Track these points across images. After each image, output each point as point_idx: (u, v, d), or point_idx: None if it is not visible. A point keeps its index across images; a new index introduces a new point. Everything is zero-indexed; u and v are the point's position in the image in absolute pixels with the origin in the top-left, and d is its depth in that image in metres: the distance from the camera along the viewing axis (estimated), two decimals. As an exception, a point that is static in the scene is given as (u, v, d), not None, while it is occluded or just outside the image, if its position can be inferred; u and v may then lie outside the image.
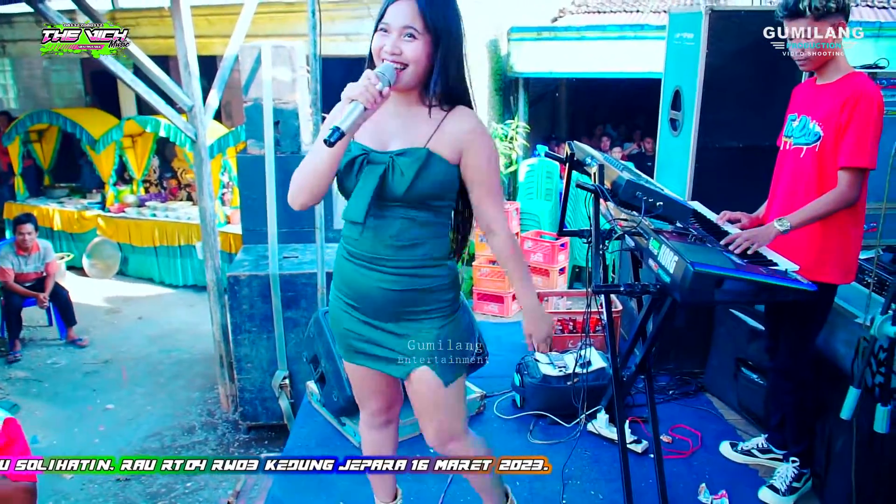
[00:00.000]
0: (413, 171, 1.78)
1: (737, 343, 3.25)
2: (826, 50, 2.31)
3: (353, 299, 1.94)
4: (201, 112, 4.78)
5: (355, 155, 1.82)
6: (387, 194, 1.80)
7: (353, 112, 1.64)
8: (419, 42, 1.73)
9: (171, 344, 6.92)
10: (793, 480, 2.64)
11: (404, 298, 1.88)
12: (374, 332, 1.94)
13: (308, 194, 1.79)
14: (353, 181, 1.82)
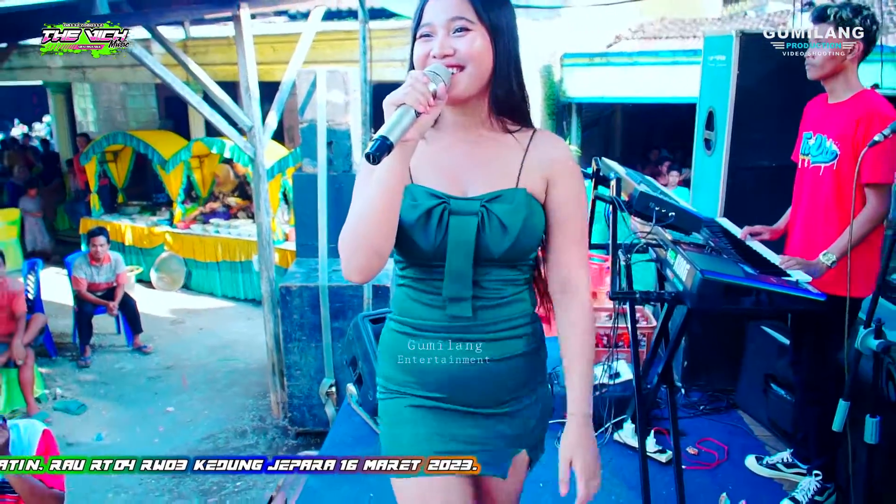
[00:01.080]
0: (518, 222, 1.40)
1: (766, 359, 3.29)
2: (835, 57, 2.38)
3: (432, 388, 1.47)
4: (260, 132, 5.09)
5: (430, 206, 1.39)
6: (483, 254, 1.40)
7: (401, 119, 1.22)
8: (475, 34, 1.37)
9: (229, 353, 7.25)
10: (815, 494, 2.67)
11: (504, 370, 1.46)
12: (470, 426, 1.48)
13: (363, 254, 1.33)
14: (431, 240, 1.39)
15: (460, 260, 1.39)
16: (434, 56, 1.35)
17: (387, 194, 1.29)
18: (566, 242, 1.48)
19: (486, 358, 1.44)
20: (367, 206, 1.31)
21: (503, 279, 1.44)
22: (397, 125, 1.21)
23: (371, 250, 1.32)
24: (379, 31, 6.78)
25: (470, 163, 1.44)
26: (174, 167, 9.00)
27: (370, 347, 3.18)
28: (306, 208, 5.40)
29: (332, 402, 5.12)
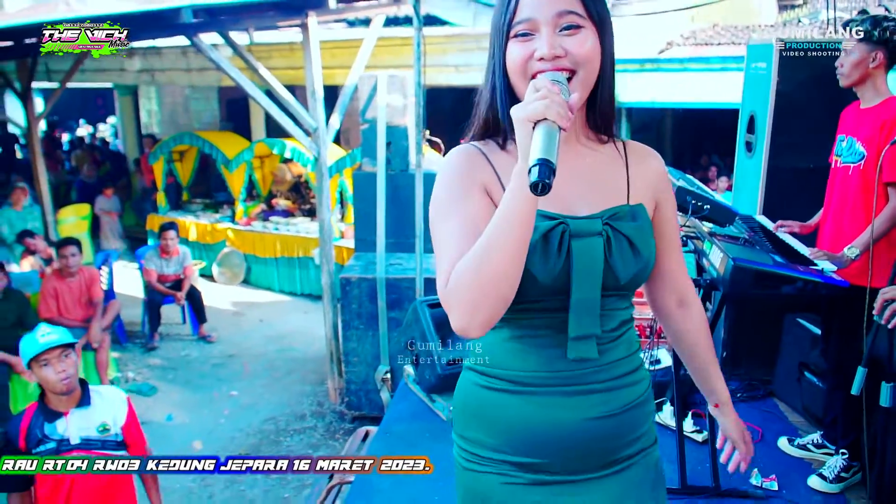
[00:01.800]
0: (649, 239, 1.25)
1: (801, 349, 3.46)
2: (859, 66, 2.59)
3: (530, 454, 1.23)
4: (324, 133, 5.44)
5: (547, 227, 1.17)
6: (606, 282, 1.20)
7: (550, 138, 1.02)
8: (587, 32, 1.17)
9: (287, 344, 7.65)
10: (841, 471, 2.85)
11: (618, 425, 1.24)
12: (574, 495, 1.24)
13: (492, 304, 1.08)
14: (550, 268, 1.16)
15: (587, 289, 1.17)
16: (543, 58, 1.14)
17: (521, 228, 1.05)
18: (677, 257, 1.38)
19: (604, 413, 1.22)
20: (499, 245, 1.05)
21: (619, 310, 1.25)
22: (551, 145, 1.01)
23: (501, 299, 1.08)
24: (433, 37, 7.12)
25: (574, 179, 1.22)
26: (237, 167, 9.47)
27: (427, 329, 3.47)
28: (365, 205, 5.74)
29: (388, 388, 5.43)
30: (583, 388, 1.21)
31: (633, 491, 1.27)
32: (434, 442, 3.29)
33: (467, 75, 8.42)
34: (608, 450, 1.24)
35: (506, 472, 1.24)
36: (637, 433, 1.28)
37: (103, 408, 2.73)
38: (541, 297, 1.18)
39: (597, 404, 1.22)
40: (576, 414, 1.21)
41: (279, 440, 5.62)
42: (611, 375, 1.24)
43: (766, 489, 2.87)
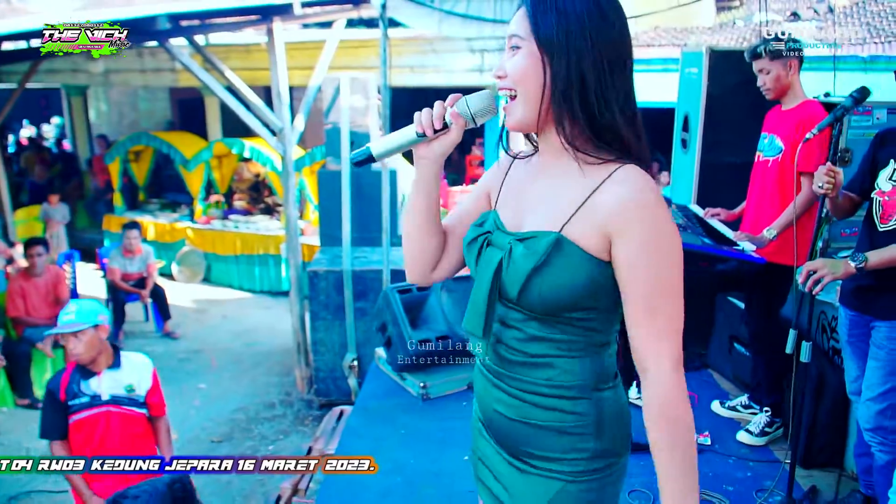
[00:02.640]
0: (528, 267, 1.21)
1: (731, 324, 3.90)
2: (779, 82, 3.00)
3: (481, 415, 1.44)
4: (290, 133, 5.69)
5: (478, 233, 1.34)
6: (502, 293, 1.27)
7: (400, 135, 1.29)
8: (524, 53, 1.22)
9: (252, 338, 7.85)
10: (765, 426, 3.27)
11: (517, 431, 1.33)
12: (497, 461, 1.39)
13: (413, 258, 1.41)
14: (472, 265, 1.35)
15: (481, 291, 1.28)
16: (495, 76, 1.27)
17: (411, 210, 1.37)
18: (633, 311, 1.21)
19: (499, 410, 1.35)
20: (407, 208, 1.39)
21: (533, 334, 1.27)
22: (391, 139, 1.30)
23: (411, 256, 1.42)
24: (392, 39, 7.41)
25: (533, 196, 1.30)
26: (196, 166, 9.60)
27: (398, 313, 3.78)
28: (329, 202, 6.01)
29: (354, 374, 5.72)
30: (496, 383, 1.35)
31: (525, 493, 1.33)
32: (405, 415, 3.62)
33: (423, 76, 8.75)
34: (510, 444, 1.35)
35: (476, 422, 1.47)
36: (540, 452, 1.31)
37: (131, 371, 3.15)
38: None
39: (502, 402, 1.35)
40: (491, 399, 1.37)
41: (250, 428, 5.84)
42: (517, 387, 1.31)
43: (700, 444, 3.28)
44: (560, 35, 1.19)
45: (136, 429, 3.16)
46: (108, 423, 3.09)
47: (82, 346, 3.01)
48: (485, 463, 1.42)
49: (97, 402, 3.06)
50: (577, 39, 1.18)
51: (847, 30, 11.22)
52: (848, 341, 2.58)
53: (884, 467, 2.42)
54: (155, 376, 3.25)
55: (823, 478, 2.99)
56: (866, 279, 2.36)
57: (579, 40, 1.18)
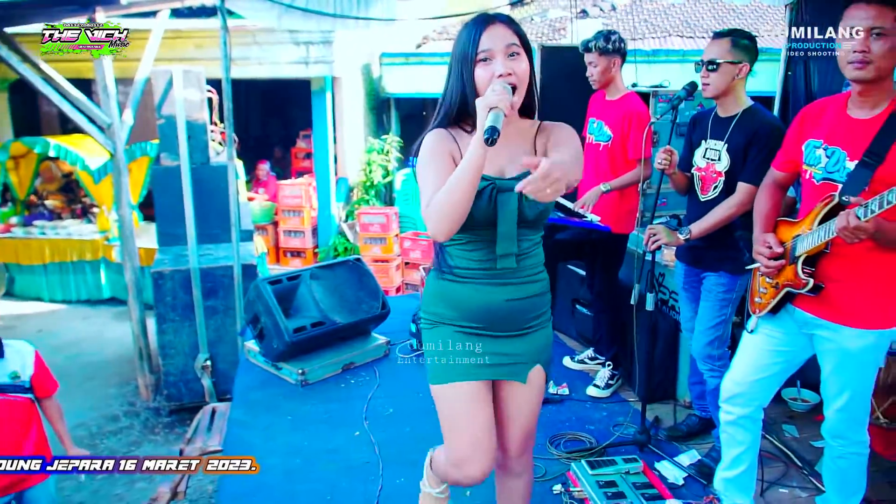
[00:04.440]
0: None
1: (572, 289, 4.40)
2: (605, 75, 3.49)
3: (473, 319, 1.92)
4: (118, 128, 5.42)
5: (481, 186, 1.77)
6: (522, 218, 1.84)
7: (498, 117, 1.64)
8: (523, 59, 1.80)
9: (76, 351, 7.31)
10: (609, 379, 3.76)
11: (526, 305, 1.92)
12: (499, 344, 1.94)
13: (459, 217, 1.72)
14: (482, 211, 1.80)
15: (508, 224, 1.83)
16: (500, 75, 1.75)
17: (475, 173, 1.67)
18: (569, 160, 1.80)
19: (517, 297, 1.90)
20: (460, 185, 1.68)
21: (531, 239, 1.91)
22: (497, 120, 1.63)
23: (457, 216, 1.72)
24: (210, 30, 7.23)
25: (504, 151, 1.84)
26: (-12, 169, 8.68)
27: (272, 304, 3.83)
28: (167, 199, 5.81)
29: (208, 375, 5.62)
30: (505, 281, 1.91)
31: (534, 344, 2.00)
32: (288, 401, 3.71)
33: (246, 68, 8.59)
34: (520, 320, 1.95)
35: (458, 326, 1.95)
36: (538, 312, 1.99)
37: (14, 358, 3.23)
38: (478, 227, 1.86)
39: (513, 292, 1.92)
40: (500, 296, 1.92)
41: (95, 444, 5.53)
42: (523, 275, 1.92)
43: (560, 395, 3.72)
44: (530, 47, 1.84)
45: (21, 414, 3.23)
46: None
47: None
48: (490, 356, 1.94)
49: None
50: (531, 51, 1.85)
51: (628, 25, 12.59)
52: (684, 288, 3.09)
53: (714, 390, 2.94)
54: (38, 359, 3.33)
55: (662, 408, 3.53)
56: (695, 241, 2.85)
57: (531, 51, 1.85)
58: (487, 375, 1.96)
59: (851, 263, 2.13)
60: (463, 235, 1.87)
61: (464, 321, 1.94)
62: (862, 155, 2.05)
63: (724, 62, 2.69)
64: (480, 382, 1.95)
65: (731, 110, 2.77)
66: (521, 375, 1.99)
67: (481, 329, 1.94)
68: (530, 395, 2.04)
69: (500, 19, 1.83)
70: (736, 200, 2.70)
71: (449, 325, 1.96)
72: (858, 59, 2.01)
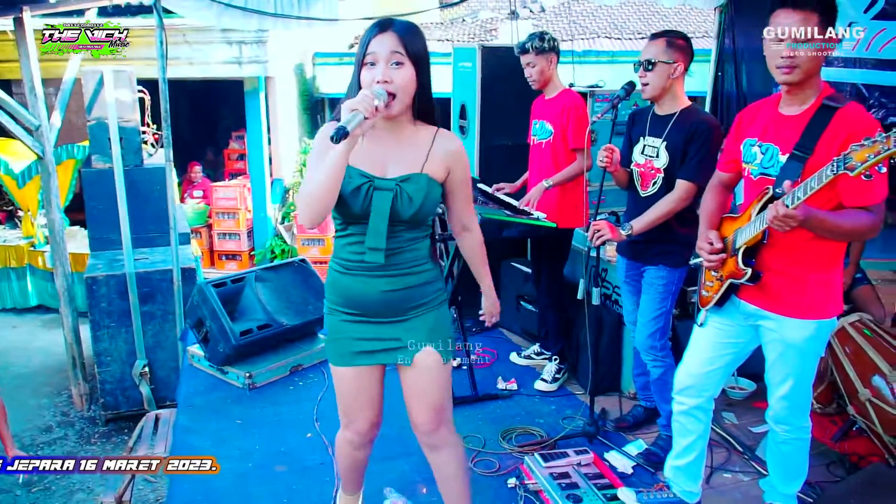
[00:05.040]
0: (420, 197, 1.97)
1: (517, 285, 4.48)
2: (542, 74, 3.59)
3: (354, 307, 2.09)
4: (47, 130, 5.22)
5: (360, 182, 1.94)
6: (395, 217, 1.98)
7: (353, 118, 1.76)
8: (406, 69, 1.89)
9: (4, 361, 6.99)
10: (556, 373, 3.85)
11: (403, 296, 2.07)
12: (381, 329, 2.10)
13: (321, 208, 1.88)
14: (358, 206, 1.96)
15: (378, 221, 1.97)
16: (378, 81, 1.88)
17: (335, 170, 1.84)
18: (463, 202, 2.17)
19: (392, 288, 2.06)
20: (323, 176, 1.85)
21: (408, 236, 2.05)
22: (351, 122, 1.76)
23: (321, 205, 1.89)
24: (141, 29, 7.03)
25: (389, 153, 2.01)
26: None
27: (217, 307, 3.77)
28: (98, 203, 5.63)
29: (147, 382, 5.46)
30: (379, 273, 2.06)
31: (418, 328, 2.13)
32: (236, 406, 3.66)
33: (176, 68, 8.35)
34: (398, 308, 2.11)
35: (343, 315, 2.14)
36: (421, 301, 2.13)
37: None
38: (356, 221, 2.02)
39: (388, 283, 2.07)
40: (375, 287, 2.08)
41: (27, 457, 5.31)
42: (399, 269, 2.07)
43: (509, 390, 3.79)
44: (423, 54, 1.94)
45: None
46: None
47: None
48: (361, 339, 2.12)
49: None
50: (428, 56, 1.96)
51: (558, 27, 12.84)
52: (625, 282, 3.20)
53: (658, 380, 3.07)
54: None
55: (607, 401, 3.63)
56: (636, 236, 2.95)
57: (428, 61, 1.97)
58: (367, 361, 2.15)
59: (788, 253, 2.24)
60: (346, 229, 2.06)
61: (348, 308, 2.12)
62: (792, 148, 2.17)
63: (659, 62, 2.80)
64: (359, 367, 2.16)
65: (668, 109, 2.88)
66: (406, 359, 2.14)
67: (362, 316, 2.11)
68: (424, 376, 2.15)
69: (394, 28, 1.92)
70: (675, 197, 2.81)
71: (339, 312, 2.14)
72: (786, 64, 2.13)
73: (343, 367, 2.18)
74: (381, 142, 2.01)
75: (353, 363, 2.15)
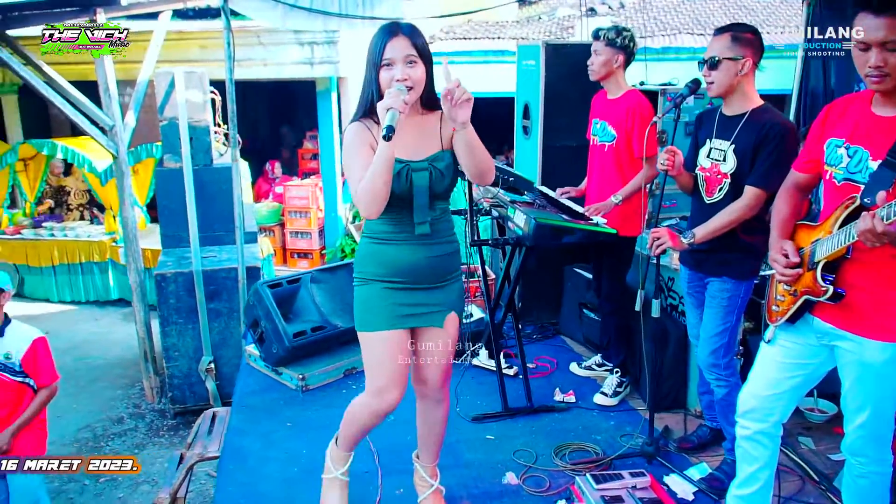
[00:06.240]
0: (450, 171, 2.30)
1: (579, 292, 4.30)
2: (605, 67, 3.41)
3: (400, 275, 2.34)
4: (121, 130, 5.38)
5: (399, 168, 2.21)
6: (433, 192, 2.29)
7: (393, 116, 2.03)
8: (419, 66, 2.18)
9: (84, 353, 7.29)
10: (617, 386, 3.66)
11: (444, 262, 2.38)
12: (421, 296, 2.37)
13: (381, 199, 2.14)
14: (399, 187, 2.23)
15: (422, 197, 2.27)
16: (397, 80, 2.15)
17: (388, 162, 2.11)
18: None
19: (435, 254, 2.36)
20: (379, 170, 2.10)
21: (441, 206, 2.37)
22: (393, 119, 2.04)
23: (381, 198, 2.15)
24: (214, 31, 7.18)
25: (413, 139, 2.31)
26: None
27: (271, 308, 3.76)
28: (170, 201, 5.77)
29: (212, 378, 5.56)
30: (422, 242, 2.32)
31: (450, 294, 2.44)
32: (287, 408, 3.65)
33: (249, 69, 8.54)
34: (439, 274, 2.39)
35: (385, 283, 2.36)
36: (452, 269, 2.44)
37: (12, 341, 3.52)
38: (398, 201, 2.26)
39: (431, 250, 2.35)
40: (422, 254, 2.34)
41: (100, 446, 5.51)
42: (436, 238, 2.35)
43: (567, 402, 3.63)
44: (429, 53, 2.23)
45: (9, 394, 3.49)
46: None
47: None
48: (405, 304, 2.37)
49: None
50: (430, 56, 2.24)
51: (637, 23, 12.46)
52: (688, 293, 2.99)
53: (722, 400, 2.85)
54: (35, 347, 3.54)
55: (672, 418, 3.43)
56: (699, 245, 2.74)
57: (430, 56, 2.23)
58: (408, 324, 2.40)
59: (875, 270, 2.02)
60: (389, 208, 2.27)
61: (393, 277, 2.35)
62: (886, 154, 1.94)
63: (724, 59, 2.59)
64: (400, 330, 2.38)
65: (738, 109, 2.67)
66: (438, 321, 2.42)
67: (407, 283, 2.36)
68: (445, 337, 2.45)
69: (404, 32, 2.20)
70: (742, 204, 2.59)
71: (379, 281, 2.36)
72: (875, 74, 1.92)
73: (387, 330, 2.37)
74: (405, 131, 2.24)
75: (398, 326, 2.37)
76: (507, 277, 3.67)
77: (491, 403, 3.62)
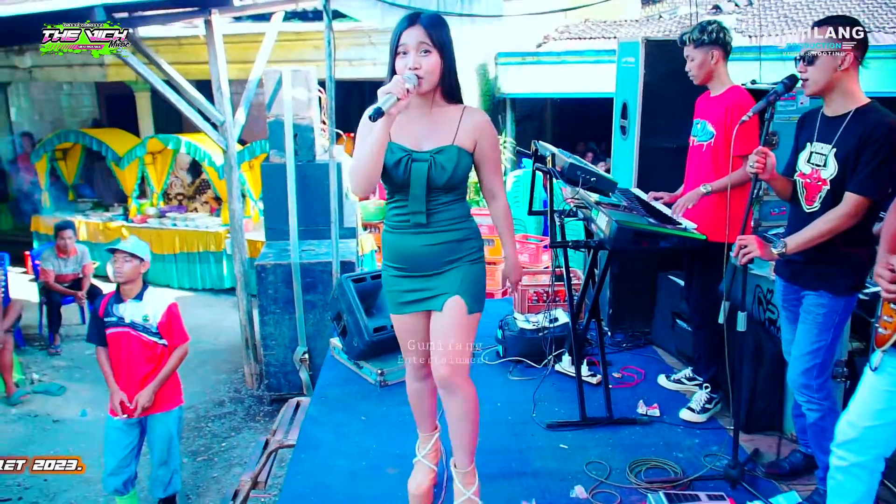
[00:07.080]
0: (451, 166, 2.31)
1: (673, 301, 4.08)
2: (703, 67, 3.19)
3: (401, 262, 2.44)
4: (231, 126, 5.63)
5: (400, 156, 2.30)
6: (430, 184, 2.32)
7: (388, 100, 2.09)
8: (433, 56, 2.23)
9: (196, 337, 7.59)
10: (706, 402, 3.43)
11: (441, 249, 2.39)
12: (420, 282, 2.44)
13: (366, 178, 2.23)
14: (399, 176, 2.31)
15: (418, 188, 2.34)
16: (409, 68, 2.23)
17: (377, 144, 2.21)
18: (491, 170, 2.50)
19: (431, 243, 2.40)
20: (367, 152, 2.22)
21: (444, 199, 2.40)
22: (386, 103, 2.10)
23: (367, 175, 2.25)
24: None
25: (423, 130, 2.37)
26: (129, 163, 9.34)
27: (353, 301, 3.81)
28: (274, 195, 5.98)
29: (306, 368, 5.72)
30: (420, 231, 2.39)
31: (450, 279, 2.43)
32: (364, 402, 3.67)
33: (360, 69, 8.73)
34: (436, 262, 2.43)
35: (393, 270, 2.50)
36: (455, 256, 2.43)
37: (150, 304, 3.90)
38: (399, 188, 2.37)
39: (427, 239, 2.40)
40: (417, 242, 2.40)
41: (200, 426, 5.78)
42: (436, 227, 2.39)
43: (650, 416, 3.44)
44: (447, 42, 2.28)
45: (149, 352, 3.87)
46: (129, 342, 3.83)
47: (126, 269, 3.79)
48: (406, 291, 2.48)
49: (121, 323, 3.83)
50: (451, 43, 2.29)
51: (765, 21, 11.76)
52: (783, 307, 2.76)
53: (813, 425, 2.60)
54: (170, 311, 3.94)
55: (765, 440, 3.18)
56: (794, 255, 2.51)
57: (452, 43, 2.29)
58: (410, 310, 2.50)
59: None
60: (393, 196, 2.42)
61: (396, 264, 2.47)
62: None
63: (821, 53, 2.35)
64: (407, 315, 2.52)
65: (839, 109, 2.42)
66: (437, 305, 2.44)
67: (407, 270, 2.45)
68: (447, 319, 2.43)
69: (421, 21, 2.26)
70: (841, 212, 2.35)
71: (389, 268, 2.51)
72: None
73: (396, 314, 2.56)
74: (417, 120, 2.34)
75: (402, 311, 2.52)
76: (589, 278, 3.53)
77: (569, 412, 3.50)
